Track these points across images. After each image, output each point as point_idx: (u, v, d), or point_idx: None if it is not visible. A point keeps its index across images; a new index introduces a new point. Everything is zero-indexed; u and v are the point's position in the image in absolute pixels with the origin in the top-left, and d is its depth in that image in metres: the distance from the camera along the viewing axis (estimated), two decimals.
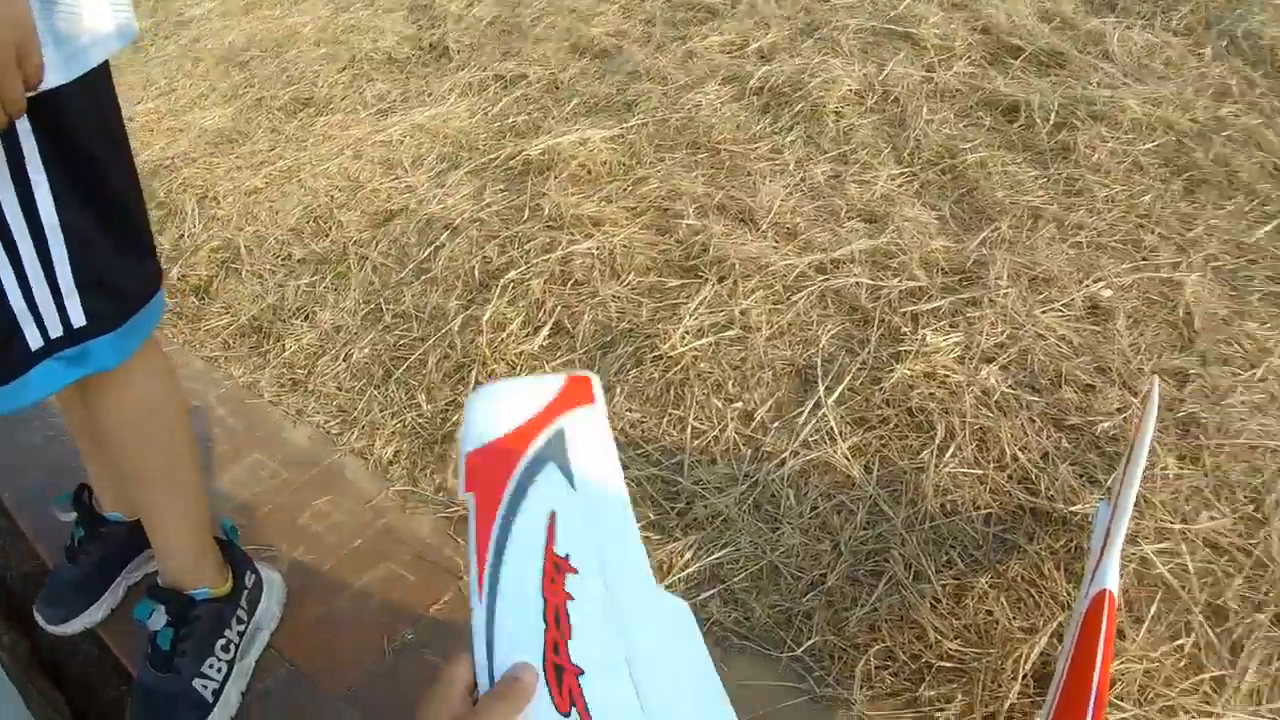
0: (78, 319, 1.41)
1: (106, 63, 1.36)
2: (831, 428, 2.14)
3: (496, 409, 1.17)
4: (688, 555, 1.95)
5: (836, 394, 2.20)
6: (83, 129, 1.33)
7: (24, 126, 1.24)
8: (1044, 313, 2.38)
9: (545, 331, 2.39)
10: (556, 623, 1.02)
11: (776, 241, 2.59)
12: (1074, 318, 2.39)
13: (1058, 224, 2.67)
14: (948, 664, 1.75)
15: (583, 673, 0.98)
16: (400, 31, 3.78)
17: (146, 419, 1.62)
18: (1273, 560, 1.90)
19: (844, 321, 2.38)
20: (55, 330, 1.40)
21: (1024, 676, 1.73)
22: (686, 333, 2.32)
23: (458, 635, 1.87)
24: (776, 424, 2.17)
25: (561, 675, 0.97)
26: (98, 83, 1.35)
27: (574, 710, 0.94)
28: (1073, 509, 1.98)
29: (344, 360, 2.44)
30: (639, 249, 2.59)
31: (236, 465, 2.24)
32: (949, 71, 3.24)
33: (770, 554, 1.95)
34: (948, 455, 2.08)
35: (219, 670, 1.75)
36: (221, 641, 1.77)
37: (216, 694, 1.73)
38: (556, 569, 1.06)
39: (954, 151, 2.92)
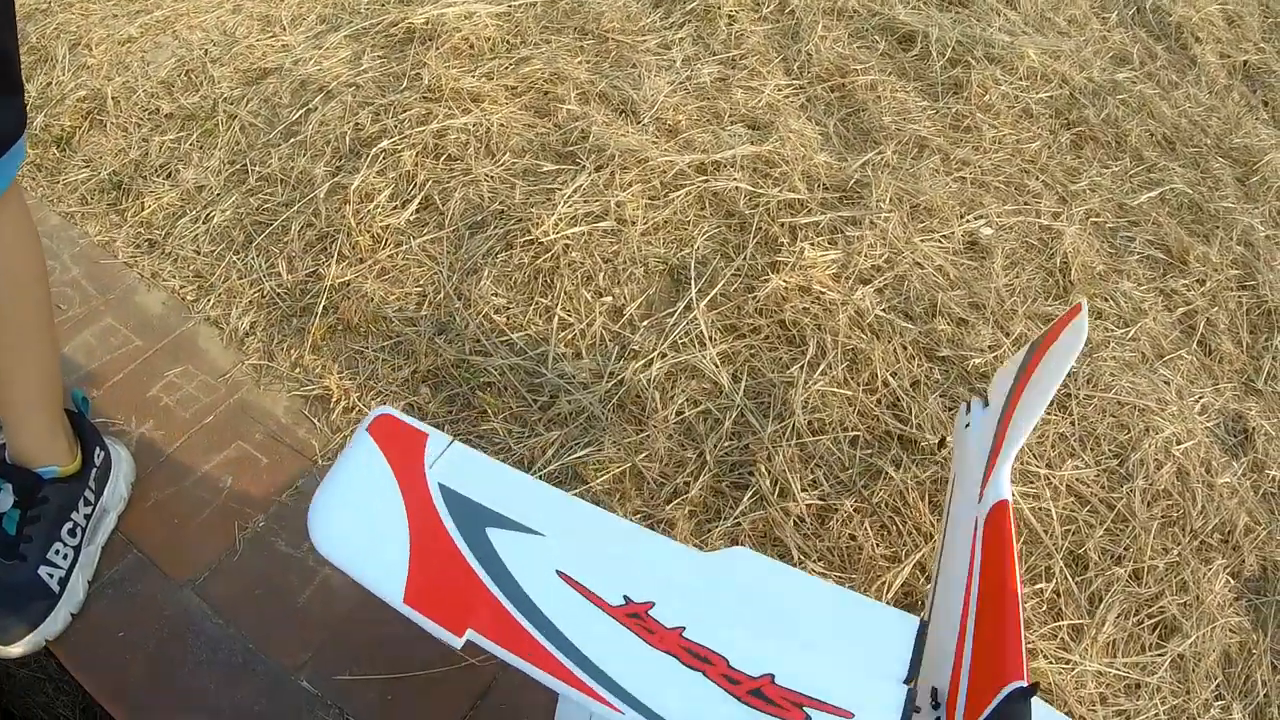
0: None
1: None
2: (702, 331, 2.03)
3: (360, 527, 1.07)
4: (549, 452, 1.84)
5: (709, 297, 2.09)
6: None
7: None
8: (923, 241, 2.30)
9: (414, 205, 2.23)
10: (704, 660, 0.99)
11: (657, 137, 2.44)
12: (953, 250, 2.32)
13: (943, 156, 2.58)
14: None
15: (774, 678, 0.98)
16: None
17: (4, 283, 1.43)
18: (1134, 516, 1.89)
19: (720, 225, 2.26)
20: None
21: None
22: (560, 220, 2.17)
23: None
24: (646, 322, 2.06)
25: (761, 692, 0.97)
26: None
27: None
28: (941, 440, 1.92)
29: (204, 223, 2.24)
30: (516, 129, 2.42)
31: (87, 330, 2.05)
32: None
33: (634, 457, 1.85)
34: (818, 372, 1.99)
35: (65, 557, 1.59)
36: (68, 525, 1.61)
37: (63, 583, 1.58)
38: (634, 617, 1.01)
39: (845, 71, 2.79)
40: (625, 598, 1.04)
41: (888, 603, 1.66)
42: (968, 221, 2.38)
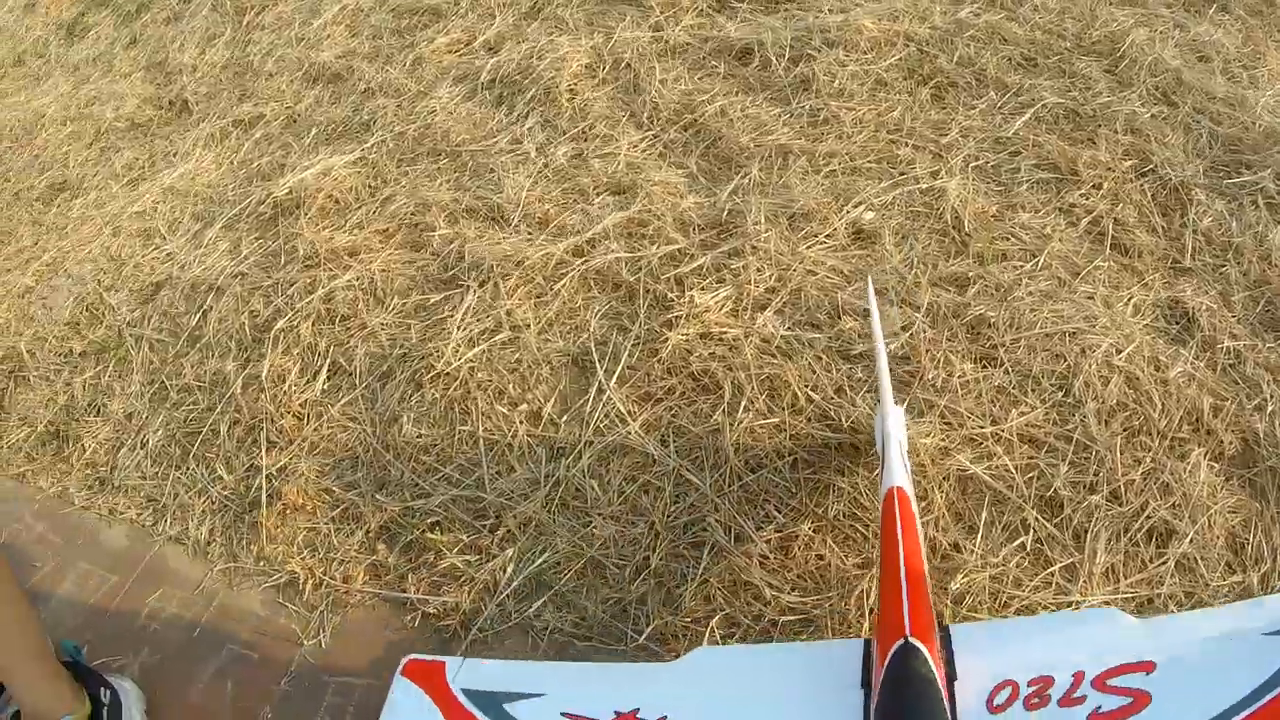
0: None
1: None
2: (619, 409, 2.01)
3: None
4: (510, 569, 1.82)
5: (616, 374, 2.07)
6: None
7: None
8: (809, 248, 2.24)
9: (324, 375, 2.21)
10: None
11: (530, 233, 2.42)
12: (839, 246, 2.26)
13: (808, 157, 2.52)
14: (791, 617, 1.67)
15: None
16: (140, 94, 3.44)
17: None
18: (1093, 440, 1.84)
19: (610, 300, 2.24)
20: None
21: (870, 611, 1.66)
22: (458, 346, 2.16)
23: (315, 704, 1.75)
24: (565, 417, 2.04)
25: None
26: None
27: None
28: None
29: (141, 448, 2.23)
30: (397, 270, 2.41)
31: (65, 580, 2.03)
32: (678, 26, 3.03)
33: (589, 549, 1.84)
34: (740, 411, 1.96)
35: None
36: None
37: None
38: None
39: (692, 106, 2.72)
40: (615, 712, 1.28)
41: (869, 609, 1.66)
42: (847, 212, 2.32)
